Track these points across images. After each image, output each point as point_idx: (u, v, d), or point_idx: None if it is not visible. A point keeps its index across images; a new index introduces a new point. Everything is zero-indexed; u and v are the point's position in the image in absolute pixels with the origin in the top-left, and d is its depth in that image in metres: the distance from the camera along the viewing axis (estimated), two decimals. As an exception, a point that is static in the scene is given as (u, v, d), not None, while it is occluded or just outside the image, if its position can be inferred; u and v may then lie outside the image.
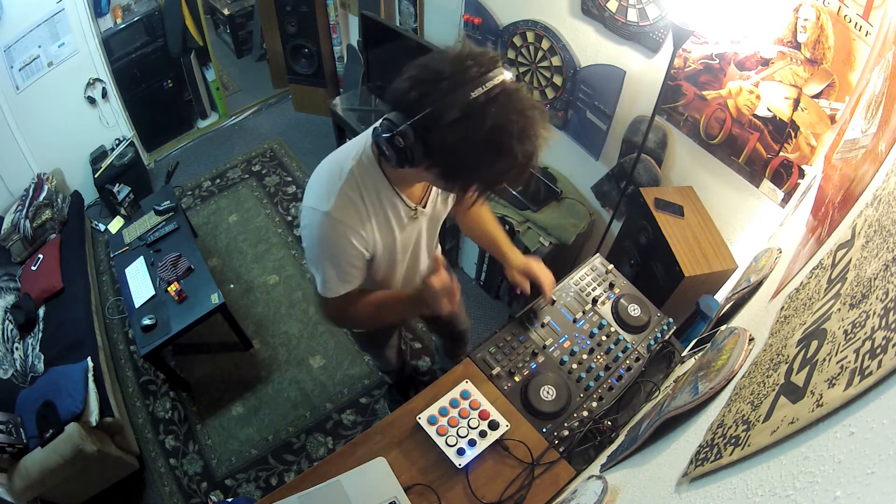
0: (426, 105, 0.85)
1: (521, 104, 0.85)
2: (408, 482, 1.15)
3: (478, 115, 0.83)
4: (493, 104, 0.83)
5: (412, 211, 1.14)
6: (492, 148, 0.85)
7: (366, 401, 2.47)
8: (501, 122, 0.83)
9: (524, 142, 0.85)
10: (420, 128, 0.86)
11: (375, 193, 1.06)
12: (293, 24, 3.37)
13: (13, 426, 1.97)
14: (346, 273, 1.10)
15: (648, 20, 1.77)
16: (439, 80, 0.84)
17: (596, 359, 1.35)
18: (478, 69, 0.84)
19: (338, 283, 1.11)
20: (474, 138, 0.84)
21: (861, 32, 1.26)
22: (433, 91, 0.85)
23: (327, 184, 1.04)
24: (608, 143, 2.19)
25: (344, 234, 1.04)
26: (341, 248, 1.06)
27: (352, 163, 1.04)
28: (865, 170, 0.83)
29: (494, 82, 0.83)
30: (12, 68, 2.78)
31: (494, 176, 0.90)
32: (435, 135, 0.86)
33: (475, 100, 0.82)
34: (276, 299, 2.87)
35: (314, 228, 1.05)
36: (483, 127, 0.83)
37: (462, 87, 0.82)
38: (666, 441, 0.85)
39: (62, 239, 2.90)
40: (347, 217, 1.04)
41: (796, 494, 0.43)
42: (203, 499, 2.20)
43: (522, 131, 0.84)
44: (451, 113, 0.83)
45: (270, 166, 3.63)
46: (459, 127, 0.84)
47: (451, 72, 0.84)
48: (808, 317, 0.64)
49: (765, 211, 1.73)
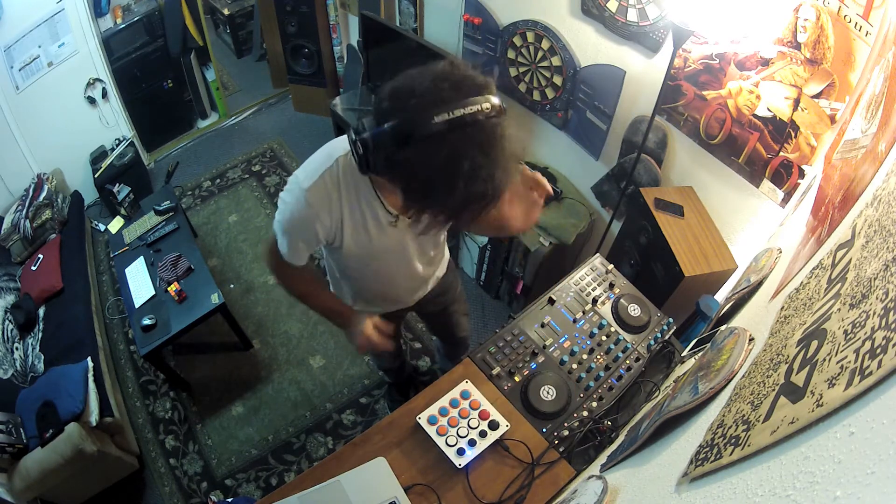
0: (391, 119, 0.82)
1: (489, 140, 0.80)
2: (408, 482, 1.15)
3: (436, 142, 0.79)
4: (456, 133, 0.78)
5: (392, 217, 1.14)
6: (443, 180, 0.80)
7: (366, 401, 2.47)
8: (456, 157, 0.78)
9: (473, 181, 0.79)
10: (382, 139, 0.83)
11: (355, 190, 1.08)
12: (293, 24, 3.36)
13: (13, 426, 1.97)
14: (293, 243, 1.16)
15: (648, 20, 1.77)
16: (410, 97, 0.81)
17: (596, 359, 1.35)
18: (453, 93, 0.79)
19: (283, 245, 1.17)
20: (428, 165, 0.80)
21: (861, 32, 1.26)
22: (402, 107, 0.81)
23: (315, 164, 1.09)
24: (608, 143, 2.19)
25: (307, 215, 1.08)
26: (299, 225, 1.11)
27: (341, 154, 1.07)
28: (865, 170, 0.83)
29: (465, 111, 0.78)
30: (12, 68, 2.78)
31: (447, 209, 0.85)
32: (393, 151, 0.83)
33: (438, 124, 0.78)
34: (276, 299, 2.87)
35: (288, 195, 1.11)
36: (438, 155, 0.79)
37: (429, 109, 0.78)
38: (666, 441, 0.85)
39: (62, 239, 2.90)
40: (317, 202, 1.07)
41: (796, 494, 0.43)
42: (203, 499, 2.20)
43: (473, 170, 0.79)
44: (412, 132, 0.80)
45: (270, 166, 3.63)
46: (416, 149, 0.80)
47: (423, 91, 0.80)
48: (808, 317, 0.64)
49: (765, 211, 1.73)
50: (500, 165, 0.82)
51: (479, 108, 0.79)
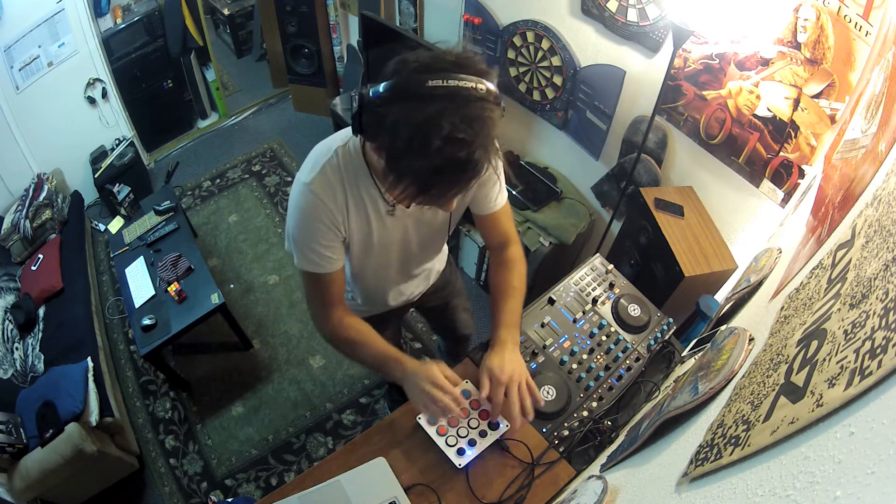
0: (391, 79, 0.84)
1: (474, 115, 0.81)
2: (408, 482, 1.15)
3: (424, 102, 0.80)
4: (444, 100, 0.79)
5: (389, 206, 1.14)
6: (420, 138, 0.80)
7: (366, 401, 2.47)
8: (438, 116, 0.79)
9: (451, 144, 0.79)
10: (376, 97, 0.85)
11: (355, 179, 1.07)
12: (293, 24, 3.37)
13: (13, 426, 1.97)
14: (312, 251, 1.09)
15: (648, 20, 1.77)
16: (413, 62, 0.84)
17: (596, 359, 1.35)
18: (453, 66, 0.82)
19: (304, 259, 1.11)
20: (410, 122, 0.81)
21: (861, 32, 1.26)
22: (403, 69, 0.84)
23: (315, 158, 1.07)
24: (608, 143, 2.19)
25: (317, 208, 1.05)
26: (312, 223, 1.07)
27: (339, 144, 1.07)
28: (865, 170, 0.83)
29: (459, 83, 0.80)
30: (12, 68, 2.79)
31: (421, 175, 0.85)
32: (384, 107, 0.84)
33: (430, 87, 0.80)
34: (276, 299, 2.87)
35: (294, 196, 1.08)
36: (421, 113, 0.80)
37: (425, 73, 0.81)
38: (666, 441, 0.85)
39: (62, 239, 2.90)
40: (324, 194, 1.05)
41: (796, 494, 0.43)
42: (203, 499, 2.20)
43: (453, 134, 0.79)
44: (405, 91, 0.82)
45: (270, 166, 3.63)
46: (403, 106, 0.82)
47: (427, 59, 0.83)
48: (808, 317, 0.64)
49: (765, 211, 1.73)
50: (481, 138, 0.81)
51: (475, 86, 0.81)
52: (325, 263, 1.12)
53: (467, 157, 0.81)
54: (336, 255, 1.13)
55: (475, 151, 0.81)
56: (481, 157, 0.83)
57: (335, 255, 1.13)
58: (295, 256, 1.13)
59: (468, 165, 0.83)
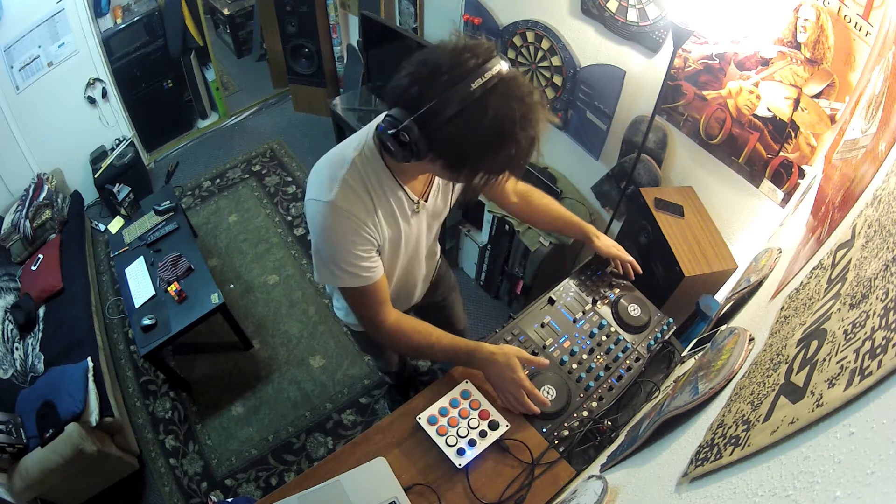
0: (428, 100, 0.86)
1: (520, 91, 0.87)
2: (408, 482, 1.15)
3: (479, 106, 0.85)
4: (492, 94, 0.85)
5: (415, 204, 1.15)
6: (496, 136, 0.86)
7: (366, 401, 2.47)
8: (503, 111, 0.85)
9: (526, 127, 0.87)
10: (423, 123, 0.87)
11: (379, 185, 1.06)
12: (293, 24, 3.37)
13: (13, 426, 1.97)
14: (353, 265, 1.06)
15: (648, 20, 1.77)
16: (439, 75, 0.86)
17: (596, 359, 1.35)
18: (475, 61, 0.85)
19: (347, 277, 1.08)
20: (478, 128, 0.86)
21: (861, 32, 1.26)
22: (433, 85, 0.86)
23: (329, 174, 1.03)
24: (608, 143, 2.19)
25: (348, 223, 1.02)
26: (347, 238, 1.03)
27: (354, 154, 1.04)
28: (865, 170, 0.83)
29: (492, 73, 0.85)
30: (12, 68, 2.78)
31: (500, 162, 0.91)
32: (438, 128, 0.87)
33: (475, 91, 0.84)
34: (276, 299, 2.87)
35: (317, 218, 1.02)
36: (486, 117, 0.85)
37: (462, 80, 0.84)
38: (666, 441, 0.85)
39: (62, 239, 2.90)
40: (352, 206, 1.02)
41: (796, 494, 0.43)
42: (203, 499, 2.20)
43: (524, 117, 0.86)
44: (453, 106, 0.85)
45: (270, 166, 3.63)
46: (462, 119, 0.86)
47: (449, 66, 0.85)
48: (808, 317, 0.64)
49: (765, 211, 1.73)
50: (538, 106, 0.88)
51: (501, 68, 0.86)
52: (368, 275, 1.10)
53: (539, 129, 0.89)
54: (376, 264, 1.12)
55: (540, 120, 0.89)
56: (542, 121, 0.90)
57: (375, 265, 1.11)
58: (334, 276, 1.09)
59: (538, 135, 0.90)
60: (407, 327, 1.22)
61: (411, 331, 1.22)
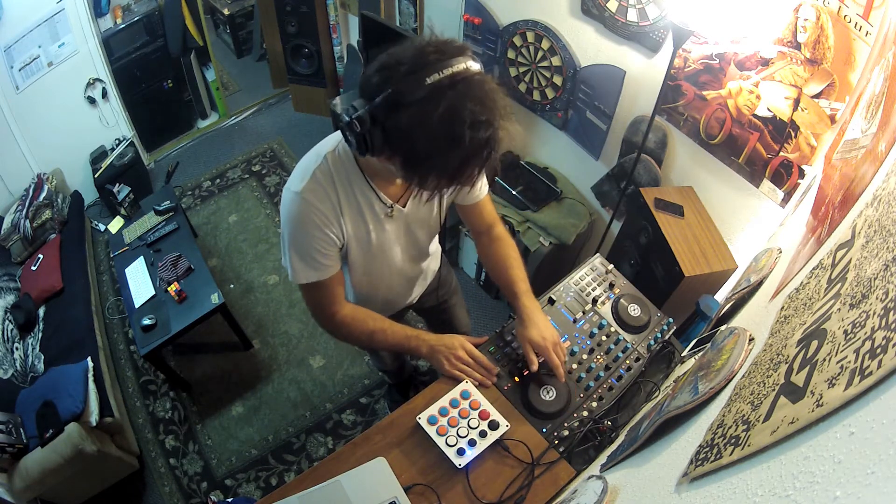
0: (383, 91, 0.84)
1: (481, 92, 0.83)
2: (408, 482, 1.15)
3: (433, 100, 0.81)
4: (450, 90, 0.81)
5: (387, 208, 1.14)
6: (444, 135, 0.83)
7: (366, 401, 2.47)
8: (455, 110, 0.81)
9: (476, 129, 0.82)
10: (377, 112, 0.85)
11: (349, 184, 1.07)
12: (293, 24, 3.36)
13: (13, 426, 1.97)
14: (311, 259, 1.10)
15: (648, 20, 1.77)
16: (399, 66, 0.84)
17: (596, 359, 1.35)
18: (438, 56, 0.83)
19: (303, 269, 1.11)
20: (428, 123, 0.82)
21: (861, 32, 1.26)
22: (392, 76, 0.84)
23: (304, 166, 1.07)
24: (608, 143, 2.19)
25: (310, 215, 1.05)
26: (308, 229, 1.07)
27: (328, 150, 1.07)
28: (865, 170, 0.83)
29: (454, 69, 0.82)
30: (12, 68, 2.78)
31: (450, 167, 0.87)
32: (390, 119, 0.85)
33: (431, 84, 0.81)
34: (276, 299, 2.87)
35: (284, 206, 1.07)
36: (436, 111, 0.81)
37: (420, 71, 0.81)
38: (666, 441, 0.85)
39: (62, 239, 2.90)
40: (317, 199, 1.05)
41: (796, 494, 0.43)
42: (203, 499, 2.20)
43: (475, 119, 0.82)
44: (407, 97, 0.82)
45: (270, 166, 3.63)
46: (414, 111, 0.83)
47: (411, 58, 0.83)
48: (808, 317, 0.64)
49: (765, 211, 1.73)
50: (496, 112, 0.84)
51: (466, 66, 0.83)
52: (323, 270, 1.13)
53: (493, 135, 0.84)
54: (333, 262, 1.14)
55: (496, 127, 0.84)
56: (499, 128, 0.85)
57: (332, 262, 1.14)
58: (291, 271, 1.13)
59: (493, 142, 0.85)
60: (359, 319, 1.25)
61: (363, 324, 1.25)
